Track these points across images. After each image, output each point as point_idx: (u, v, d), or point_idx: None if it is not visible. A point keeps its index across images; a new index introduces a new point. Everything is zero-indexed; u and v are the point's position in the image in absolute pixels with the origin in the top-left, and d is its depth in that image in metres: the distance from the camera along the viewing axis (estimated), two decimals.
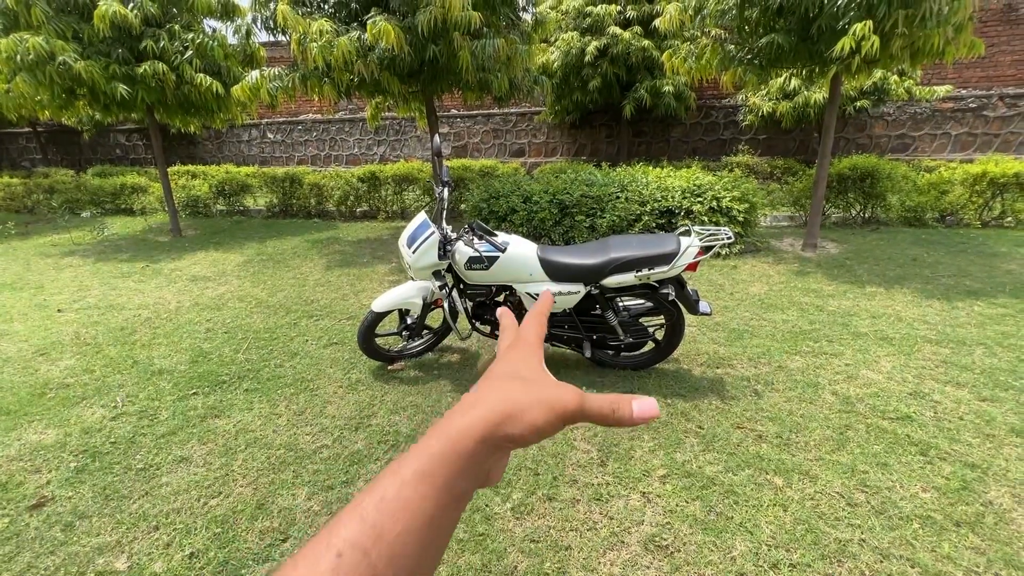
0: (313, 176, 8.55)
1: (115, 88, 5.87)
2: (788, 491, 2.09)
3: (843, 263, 5.04)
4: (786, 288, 4.42)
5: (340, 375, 3.19)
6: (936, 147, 10.31)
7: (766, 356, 3.23)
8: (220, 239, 7.15)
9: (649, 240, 2.67)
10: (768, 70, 4.94)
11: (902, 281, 4.49)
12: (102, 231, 7.65)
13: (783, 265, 5.06)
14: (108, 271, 5.67)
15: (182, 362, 3.43)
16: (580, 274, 2.69)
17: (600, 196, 5.54)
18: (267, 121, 14.04)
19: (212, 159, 14.57)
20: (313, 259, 5.93)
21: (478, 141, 12.74)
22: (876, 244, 5.70)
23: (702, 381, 2.96)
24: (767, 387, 2.88)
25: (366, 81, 4.96)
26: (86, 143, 15.13)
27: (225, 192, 8.87)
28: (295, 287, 4.91)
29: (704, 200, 5.32)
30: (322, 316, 4.16)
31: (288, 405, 2.88)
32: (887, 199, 6.45)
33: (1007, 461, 2.21)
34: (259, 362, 3.40)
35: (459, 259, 2.76)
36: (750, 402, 2.73)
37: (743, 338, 3.50)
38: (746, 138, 10.99)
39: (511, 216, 5.71)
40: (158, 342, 3.76)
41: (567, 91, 9.66)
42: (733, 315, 3.90)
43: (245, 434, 2.61)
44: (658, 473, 2.22)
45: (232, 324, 4.06)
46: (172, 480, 2.28)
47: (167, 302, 4.61)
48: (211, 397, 2.99)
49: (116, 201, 9.39)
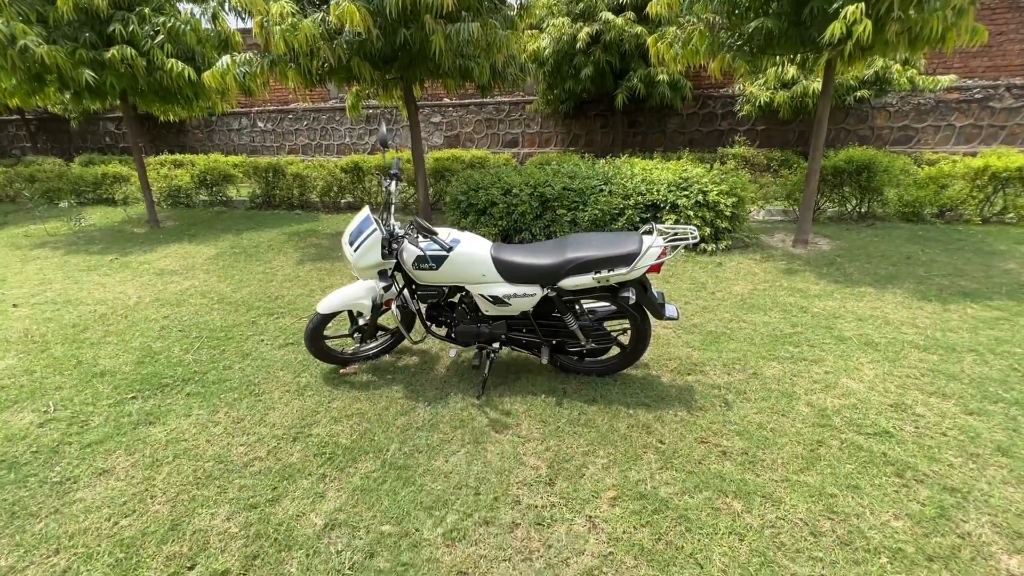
0: (296, 166, 8.34)
1: (81, 74, 5.66)
2: (747, 517, 1.91)
3: (833, 261, 4.82)
4: (771, 288, 4.21)
5: (289, 378, 3.02)
6: (940, 139, 10.00)
7: (741, 362, 3.04)
8: (197, 231, 6.97)
9: (609, 239, 2.47)
10: (758, 57, 4.69)
11: (894, 281, 4.27)
12: (79, 222, 7.48)
13: (770, 263, 4.85)
14: (75, 264, 5.50)
15: (128, 363, 3.26)
16: (536, 275, 2.49)
17: (583, 189, 5.32)
18: (257, 109, 13.80)
19: (202, 148, 14.36)
20: (287, 252, 5.75)
21: (471, 131, 12.48)
22: (870, 240, 5.47)
23: (670, 389, 2.77)
24: (738, 397, 2.69)
25: (335, 67, 4.73)
26: (75, 131, 14.94)
27: (207, 182, 8.68)
28: (262, 282, 4.73)
29: (690, 193, 5.10)
30: (283, 313, 3.99)
31: (228, 411, 2.71)
32: (884, 193, 6.20)
33: (990, 485, 2.03)
34: (208, 363, 3.23)
35: (407, 258, 2.57)
36: (718, 413, 2.55)
37: (719, 342, 3.30)
38: (744, 129, 10.70)
39: (490, 209, 5.51)
40: (108, 340, 3.59)
41: (559, 80, 9.38)
42: (712, 316, 3.70)
43: (176, 444, 2.45)
44: (608, 494, 2.04)
45: (189, 321, 3.89)
46: (87, 496, 2.12)
47: (127, 297, 4.44)
48: (150, 402, 2.82)
49: (97, 191, 9.21)
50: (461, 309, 2.74)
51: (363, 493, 2.09)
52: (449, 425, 2.52)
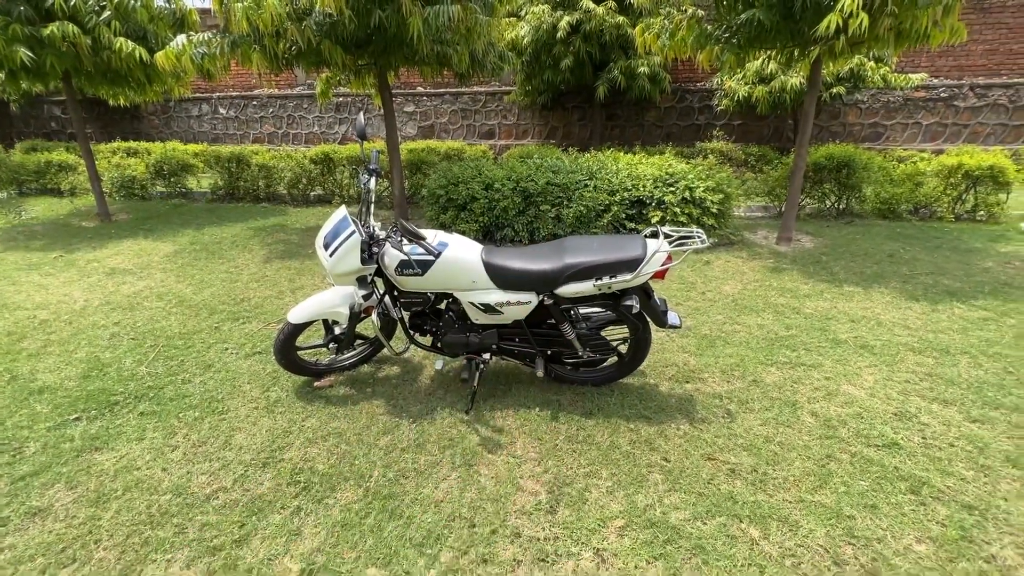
0: (261, 156, 7.87)
1: (15, 52, 5.11)
2: (765, 544, 1.77)
3: (819, 259, 4.79)
4: (761, 287, 4.13)
5: (257, 393, 2.74)
6: (907, 136, 10.25)
7: (740, 368, 2.93)
8: (153, 225, 6.49)
9: (611, 243, 2.29)
10: (747, 50, 4.58)
11: (880, 280, 4.26)
12: (19, 214, 6.87)
13: (757, 261, 4.79)
14: (13, 262, 5.00)
15: (71, 377, 2.92)
16: (531, 281, 2.30)
17: (567, 184, 5.14)
18: (219, 95, 13.06)
19: (159, 135, 13.54)
20: (253, 249, 5.38)
21: (445, 121, 12.12)
22: (851, 238, 5.48)
23: (670, 400, 2.63)
24: (741, 407, 2.57)
25: (304, 50, 4.39)
26: (16, 115, 13.85)
27: (164, 172, 8.11)
28: (226, 283, 4.38)
29: (676, 190, 4.98)
30: (250, 318, 3.68)
31: (188, 433, 2.43)
32: (862, 190, 6.25)
33: (1006, 501, 1.95)
34: (164, 377, 2.92)
35: (389, 263, 2.33)
36: (722, 426, 2.42)
37: (715, 346, 3.19)
38: (721, 123, 10.72)
39: (471, 204, 5.27)
40: (49, 351, 3.22)
41: (538, 70, 9.15)
42: (705, 318, 3.59)
43: (126, 474, 2.16)
44: (616, 523, 1.87)
45: (143, 328, 3.54)
46: (18, 542, 1.83)
47: (72, 300, 4.03)
48: (96, 423, 2.51)
49: (41, 180, 8.51)
50: (448, 317, 2.53)
51: (344, 529, 1.87)
52: (437, 445, 2.32)
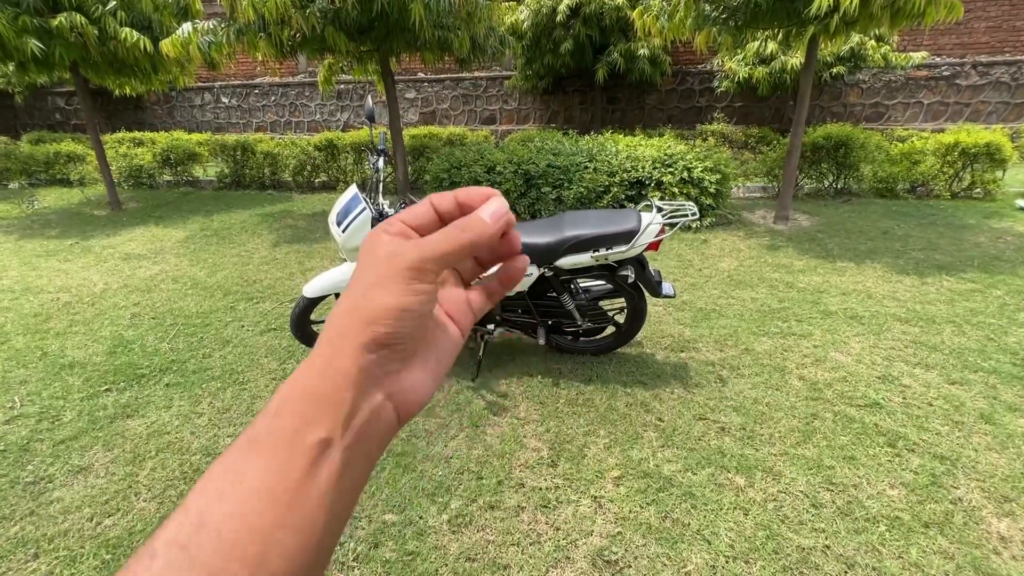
0: (267, 144, 7.98)
1: (26, 43, 5.21)
2: (750, 491, 1.93)
3: (815, 236, 4.90)
4: (756, 264, 4.25)
5: (275, 366, 2.90)
6: (909, 116, 10.23)
7: (733, 338, 3.07)
8: (163, 213, 6.63)
9: (607, 216, 2.42)
10: (744, 30, 4.64)
11: (873, 255, 4.37)
12: (31, 204, 7.02)
13: (754, 239, 4.90)
14: (31, 249, 5.17)
15: (98, 353, 3.09)
16: (533, 254, 2.43)
17: (567, 166, 5.24)
18: (221, 84, 13.11)
19: (162, 125, 13.63)
20: (261, 234, 5.52)
21: (447, 107, 12.16)
22: (848, 216, 5.58)
23: (665, 367, 2.78)
24: (733, 372, 2.71)
25: (309, 37, 4.48)
26: (21, 107, 13.95)
27: (171, 161, 8.23)
28: (238, 266, 4.53)
29: (675, 170, 5.07)
30: (263, 298, 3.83)
31: (212, 402, 2.59)
32: (860, 169, 6.32)
33: (976, 451, 2.10)
34: (186, 352, 3.08)
35: None
36: (714, 390, 2.56)
37: (710, 318, 3.32)
38: (721, 106, 10.71)
39: None
40: (75, 330, 3.39)
41: (538, 54, 9.17)
42: (701, 293, 3.72)
43: (158, 437, 2.33)
44: (612, 474, 2.03)
45: (162, 308, 3.70)
46: (65, 495, 2.00)
47: (92, 284, 4.19)
48: (126, 394, 2.68)
49: (50, 171, 8.65)
50: None
51: None
52: (446, 409, 2.47)
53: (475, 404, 2.50)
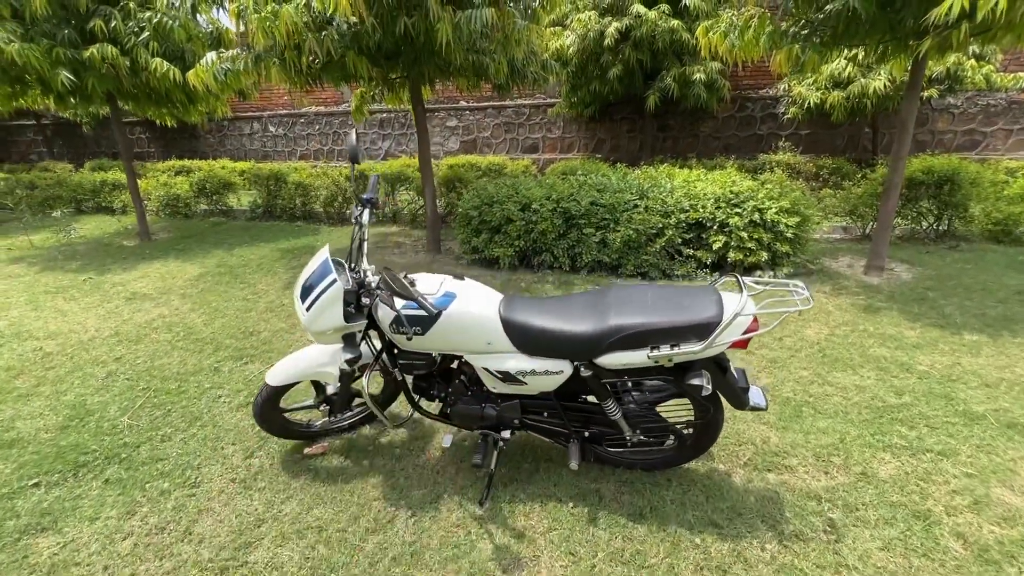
0: (299, 174, 7.75)
1: (57, 75, 5.12)
2: None
3: (923, 295, 3.95)
4: (853, 332, 3.37)
5: (239, 459, 2.32)
6: (1011, 145, 8.91)
7: (840, 451, 2.24)
8: (187, 245, 6.41)
9: (672, 297, 1.71)
10: (832, 47, 3.87)
11: (1011, 325, 3.40)
12: (68, 233, 7.00)
13: (845, 296, 4.00)
14: (44, 284, 4.95)
15: (50, 427, 2.62)
16: (564, 347, 1.75)
17: (614, 205, 4.55)
18: (269, 113, 13.36)
19: (213, 153, 14.01)
20: (276, 273, 5.11)
21: (488, 135, 11.79)
22: (960, 267, 4.56)
23: (747, 499, 1.99)
24: (849, 516, 1.89)
25: (327, 63, 4.07)
26: (89, 136, 14.75)
27: (206, 190, 8.16)
28: (240, 312, 4.08)
29: (743, 211, 4.28)
30: (254, 356, 3.32)
31: (148, 514, 2.02)
32: (968, 209, 5.28)
33: None
34: (145, 431, 2.56)
35: (382, 317, 1.85)
36: (826, 550, 1.76)
37: (802, 416, 2.50)
38: (786, 133, 9.76)
39: (506, 227, 4.78)
40: (40, 391, 2.96)
41: (584, 80, 8.63)
42: (785, 375, 2.89)
43: (60, 572, 1.77)
44: None
45: (142, 366, 3.24)
46: None
47: (83, 330, 3.83)
48: (54, 492, 2.16)
49: (96, 199, 8.78)
50: (459, 382, 2.01)
51: None
52: (438, 556, 1.79)
53: (479, 550, 1.80)
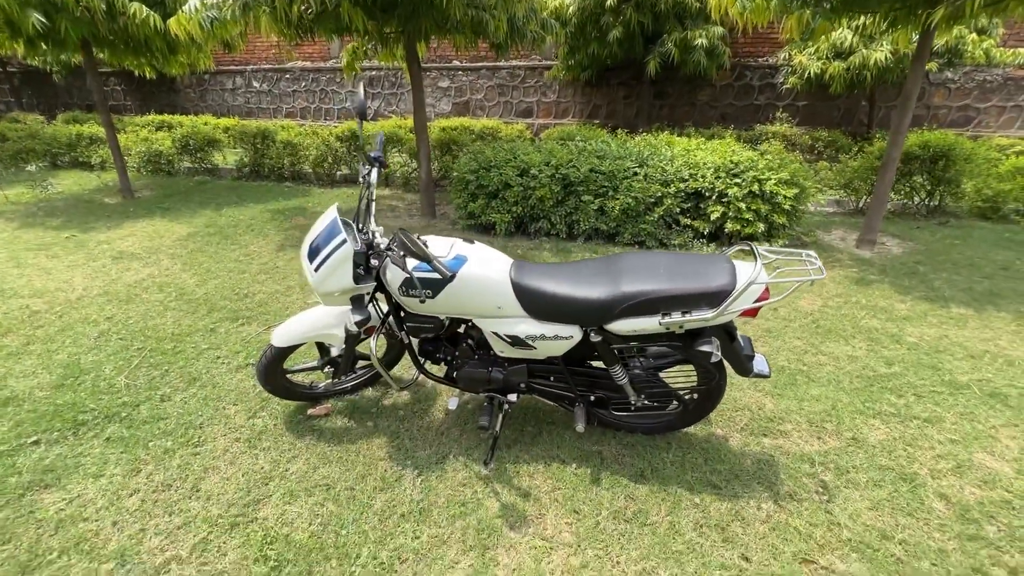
0: (287, 132, 7.50)
1: (27, 17, 4.81)
2: None
3: (914, 269, 4.03)
4: (846, 304, 3.44)
5: (242, 420, 2.32)
6: (1004, 122, 8.96)
7: (833, 419, 2.32)
8: (172, 203, 6.22)
9: (684, 265, 1.71)
10: (842, 14, 3.79)
11: (996, 300, 3.49)
12: (45, 188, 6.73)
13: (838, 269, 4.06)
14: (25, 241, 4.79)
15: (44, 385, 2.58)
16: (575, 312, 1.75)
17: (613, 172, 4.50)
18: (252, 68, 12.78)
19: (194, 108, 13.43)
20: (268, 234, 5.00)
21: (481, 98, 11.48)
22: (950, 243, 4.65)
23: (744, 462, 2.06)
24: (840, 478, 1.98)
25: (321, 13, 3.88)
26: (60, 87, 14.02)
27: (190, 148, 7.86)
28: (233, 273, 4.01)
29: (743, 182, 4.27)
30: (251, 318, 3.28)
31: (153, 472, 2.03)
32: (960, 185, 5.34)
33: None
34: (143, 391, 2.54)
35: (391, 279, 1.83)
36: (817, 508, 1.84)
37: (796, 384, 2.57)
38: (783, 104, 9.67)
39: (504, 192, 4.71)
40: (30, 350, 2.91)
41: (583, 42, 8.37)
42: (780, 343, 2.96)
43: (70, 526, 1.78)
44: None
45: (135, 326, 3.19)
46: None
47: (71, 288, 3.74)
48: (55, 449, 2.15)
49: (73, 153, 8.42)
50: (466, 346, 2.02)
51: None
52: (446, 512, 1.83)
53: (485, 507, 1.85)
